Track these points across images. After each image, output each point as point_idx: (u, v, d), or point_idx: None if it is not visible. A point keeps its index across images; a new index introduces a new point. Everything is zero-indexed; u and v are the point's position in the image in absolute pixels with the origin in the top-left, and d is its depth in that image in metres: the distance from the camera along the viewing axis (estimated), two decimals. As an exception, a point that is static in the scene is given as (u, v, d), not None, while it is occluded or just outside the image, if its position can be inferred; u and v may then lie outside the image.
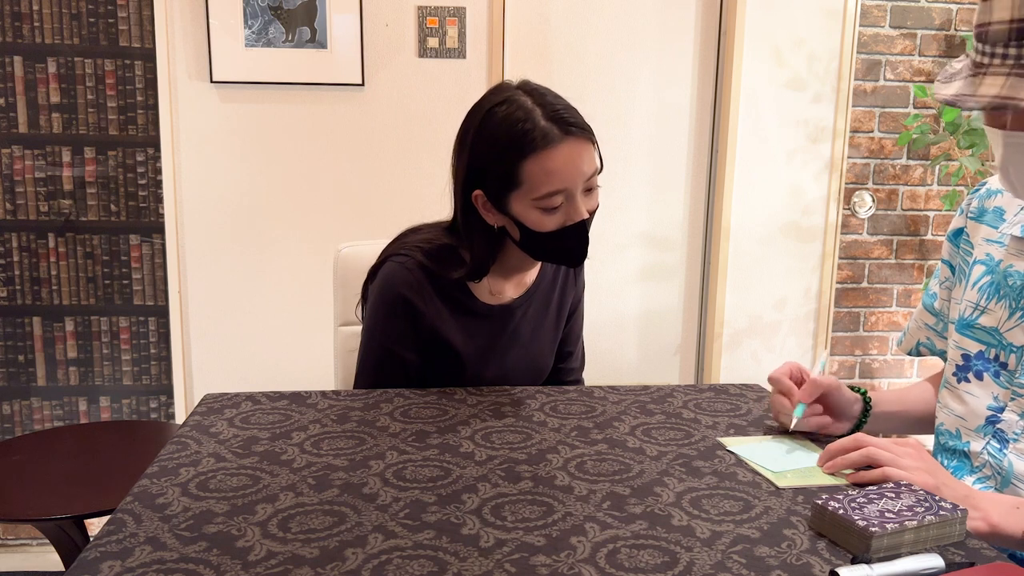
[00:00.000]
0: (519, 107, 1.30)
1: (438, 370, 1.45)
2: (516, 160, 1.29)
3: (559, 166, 1.28)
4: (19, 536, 2.71)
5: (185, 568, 0.86)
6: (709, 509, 0.99)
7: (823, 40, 2.75)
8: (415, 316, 1.40)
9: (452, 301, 1.43)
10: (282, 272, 2.65)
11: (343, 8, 2.51)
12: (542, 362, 1.56)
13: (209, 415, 1.29)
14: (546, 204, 1.30)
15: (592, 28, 2.70)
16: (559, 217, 1.31)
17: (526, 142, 1.28)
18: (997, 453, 1.19)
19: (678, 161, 2.83)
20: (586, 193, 1.33)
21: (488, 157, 1.32)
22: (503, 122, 1.30)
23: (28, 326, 2.61)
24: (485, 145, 1.32)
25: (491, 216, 1.37)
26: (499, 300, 1.47)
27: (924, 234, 2.94)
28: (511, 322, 1.48)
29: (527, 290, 1.50)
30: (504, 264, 1.45)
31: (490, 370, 1.47)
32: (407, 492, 1.03)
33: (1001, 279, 1.22)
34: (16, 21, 2.47)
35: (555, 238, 1.33)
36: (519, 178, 1.30)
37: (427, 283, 1.40)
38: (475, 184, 1.35)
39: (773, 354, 2.91)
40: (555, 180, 1.29)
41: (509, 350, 1.49)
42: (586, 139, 1.32)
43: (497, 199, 1.34)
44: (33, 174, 2.54)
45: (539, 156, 1.28)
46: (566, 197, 1.31)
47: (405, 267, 1.40)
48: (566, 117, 1.30)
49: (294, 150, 2.60)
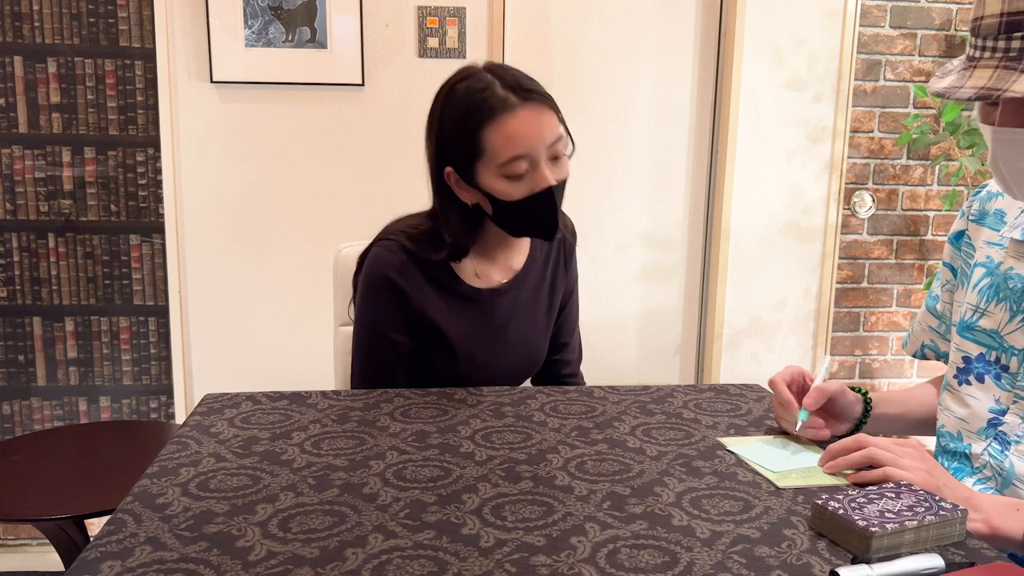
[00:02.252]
0: (478, 79, 1.35)
1: (429, 353, 1.46)
2: (477, 128, 1.33)
3: (518, 130, 1.32)
4: (19, 536, 2.71)
5: (185, 568, 0.86)
6: (709, 509, 0.99)
7: (823, 40, 2.75)
8: (402, 297, 1.42)
9: (438, 282, 1.45)
10: (282, 272, 2.65)
11: (343, 8, 2.51)
12: (535, 350, 1.56)
13: (209, 415, 1.29)
14: (510, 171, 1.33)
15: (592, 28, 2.70)
16: (526, 185, 1.34)
17: (485, 109, 1.32)
18: (998, 455, 1.19)
19: (678, 161, 2.83)
20: (553, 161, 1.36)
21: (452, 130, 1.36)
22: (464, 94, 1.34)
23: (28, 326, 2.61)
24: (449, 119, 1.36)
25: (464, 193, 1.40)
26: (487, 284, 1.49)
27: (924, 234, 2.94)
28: (500, 306, 1.50)
29: (515, 275, 1.51)
30: (485, 244, 1.47)
31: (481, 354, 1.48)
32: (407, 492, 1.03)
33: (1001, 282, 1.22)
34: (16, 21, 2.47)
35: (524, 208, 1.35)
36: (481, 146, 1.33)
37: (412, 265, 1.43)
38: (445, 161, 1.39)
39: (773, 354, 2.91)
40: (515, 145, 1.32)
41: (500, 335, 1.50)
42: (545, 105, 1.34)
43: (466, 173, 1.37)
44: (33, 174, 2.54)
45: (498, 122, 1.32)
46: (530, 164, 1.33)
47: (389, 250, 1.43)
48: (524, 84, 1.34)
49: (294, 150, 2.60)
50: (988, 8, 0.99)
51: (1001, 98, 0.98)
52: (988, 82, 0.98)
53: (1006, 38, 0.97)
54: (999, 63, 0.98)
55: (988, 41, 0.99)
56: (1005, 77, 0.97)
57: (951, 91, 1.01)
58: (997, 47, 0.98)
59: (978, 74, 0.99)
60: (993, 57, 0.99)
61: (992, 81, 0.98)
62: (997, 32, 0.98)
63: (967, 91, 0.99)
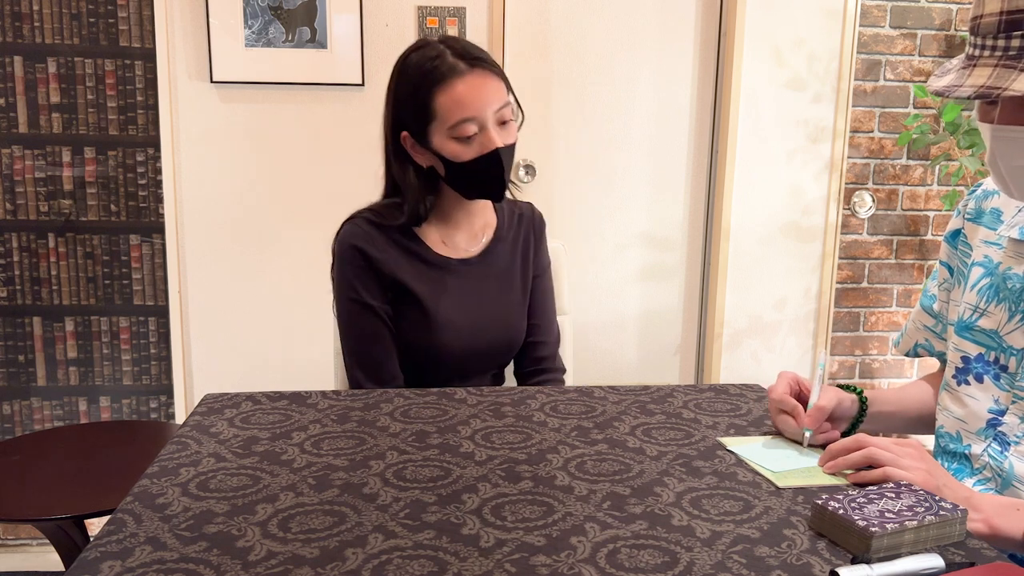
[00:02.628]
0: (431, 48, 1.46)
1: (407, 317, 1.52)
2: (429, 92, 1.43)
3: (467, 94, 1.42)
4: (19, 536, 2.71)
5: (185, 568, 0.86)
6: (709, 509, 0.99)
7: (823, 40, 2.75)
8: (371, 263, 1.50)
9: (404, 248, 1.53)
10: (282, 272, 2.65)
11: (343, 8, 2.51)
12: (513, 327, 1.61)
13: (209, 415, 1.29)
14: (460, 133, 1.43)
15: (592, 28, 2.70)
16: (475, 147, 1.44)
17: (436, 75, 1.43)
18: (998, 455, 1.19)
19: (678, 161, 2.83)
20: (500, 126, 1.46)
21: (407, 95, 1.46)
22: (417, 63, 1.46)
23: (28, 326, 2.61)
24: (404, 86, 1.47)
25: (419, 156, 1.50)
26: (455, 254, 1.56)
27: (924, 234, 2.94)
28: (472, 276, 1.56)
29: (485, 249, 1.59)
30: (443, 210, 1.55)
31: (458, 321, 1.53)
32: (407, 492, 1.03)
33: (1000, 281, 1.22)
34: (16, 21, 2.47)
35: (474, 168, 1.45)
36: (433, 110, 1.43)
37: (376, 233, 1.52)
38: (401, 126, 1.49)
39: (773, 354, 2.91)
40: (464, 108, 1.42)
41: (475, 305, 1.55)
42: (492, 72, 1.45)
43: (420, 136, 1.47)
44: (33, 174, 2.54)
45: (448, 86, 1.42)
46: (479, 126, 1.43)
47: (354, 225, 1.53)
48: (473, 53, 1.45)
49: (294, 150, 2.60)
50: (987, 7, 0.99)
51: (1000, 97, 0.98)
52: (987, 81, 0.98)
53: (1005, 37, 0.98)
54: (998, 62, 0.98)
55: (987, 40, 0.99)
56: (1004, 76, 0.97)
57: (950, 90, 1.01)
58: (996, 46, 0.99)
59: (977, 73, 1.00)
60: (992, 56, 0.99)
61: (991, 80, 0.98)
62: (996, 31, 0.98)
63: (966, 90, 0.99)
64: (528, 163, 2.73)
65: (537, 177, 2.76)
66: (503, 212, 1.64)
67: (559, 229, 2.79)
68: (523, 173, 2.73)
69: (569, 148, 2.76)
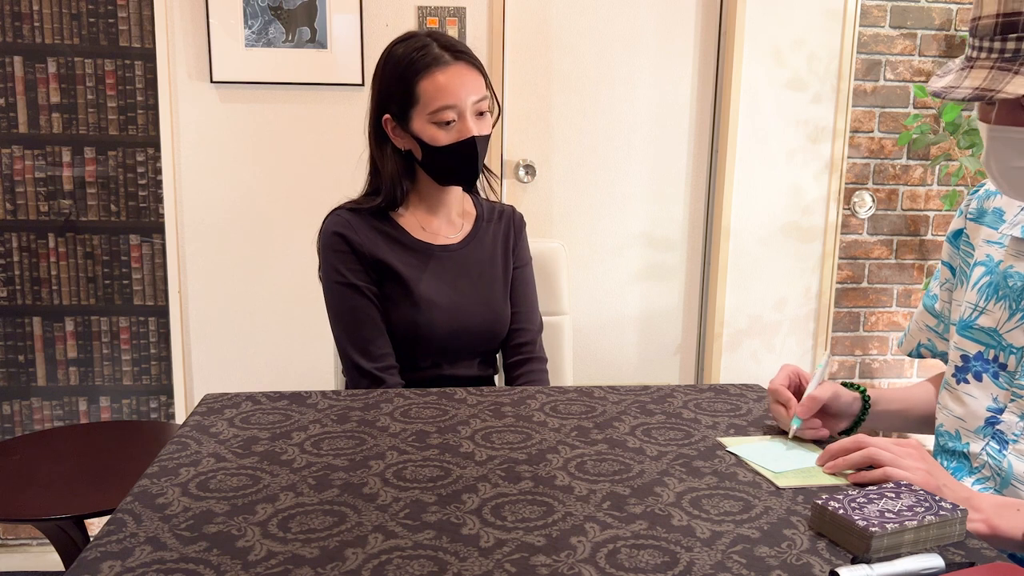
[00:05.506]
0: (418, 40, 1.56)
1: (391, 297, 1.58)
2: (413, 79, 1.52)
3: (449, 82, 1.51)
4: (19, 536, 2.71)
5: (185, 568, 0.86)
6: (709, 509, 0.99)
7: (823, 40, 2.75)
8: (353, 247, 1.58)
9: (383, 233, 1.61)
10: (282, 272, 2.65)
11: (343, 8, 2.51)
12: (495, 307, 1.66)
13: (209, 415, 1.29)
14: (439, 118, 1.52)
15: (592, 28, 2.70)
16: (452, 133, 1.53)
17: (422, 64, 1.52)
18: (996, 454, 1.19)
19: (678, 161, 2.83)
20: (477, 117, 1.55)
21: (392, 80, 1.55)
22: (404, 52, 1.55)
23: (28, 326, 2.61)
24: (390, 72, 1.56)
25: (399, 139, 1.59)
26: (434, 240, 1.63)
27: (924, 234, 2.94)
28: (452, 261, 1.63)
29: (465, 238, 1.66)
30: (420, 195, 1.64)
31: (442, 302, 1.59)
32: (407, 492, 1.03)
33: (1001, 280, 1.22)
34: (16, 21, 2.47)
35: (449, 153, 1.54)
36: (416, 95, 1.52)
37: (356, 219, 1.61)
38: (384, 110, 1.58)
39: (773, 354, 2.91)
40: (446, 95, 1.51)
41: (457, 288, 1.61)
42: (474, 66, 1.55)
43: (402, 119, 1.56)
44: (33, 174, 2.54)
45: (432, 74, 1.51)
46: (457, 114, 1.52)
47: (335, 214, 1.63)
48: (457, 47, 1.55)
49: (294, 150, 2.60)
50: (986, 8, 1.00)
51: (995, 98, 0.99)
52: (983, 82, 0.99)
53: (1001, 39, 0.98)
54: (994, 63, 0.99)
55: (985, 41, 1.00)
56: (999, 78, 0.98)
57: (948, 91, 1.02)
58: (993, 47, 0.99)
59: (974, 74, 1.01)
60: (989, 58, 1.00)
61: (987, 81, 0.99)
62: (993, 33, 0.99)
63: (963, 91, 1.00)
64: (528, 163, 2.73)
65: (537, 177, 2.76)
66: (484, 206, 1.71)
67: (559, 229, 2.79)
68: (523, 173, 2.73)
69: (569, 148, 2.76)
